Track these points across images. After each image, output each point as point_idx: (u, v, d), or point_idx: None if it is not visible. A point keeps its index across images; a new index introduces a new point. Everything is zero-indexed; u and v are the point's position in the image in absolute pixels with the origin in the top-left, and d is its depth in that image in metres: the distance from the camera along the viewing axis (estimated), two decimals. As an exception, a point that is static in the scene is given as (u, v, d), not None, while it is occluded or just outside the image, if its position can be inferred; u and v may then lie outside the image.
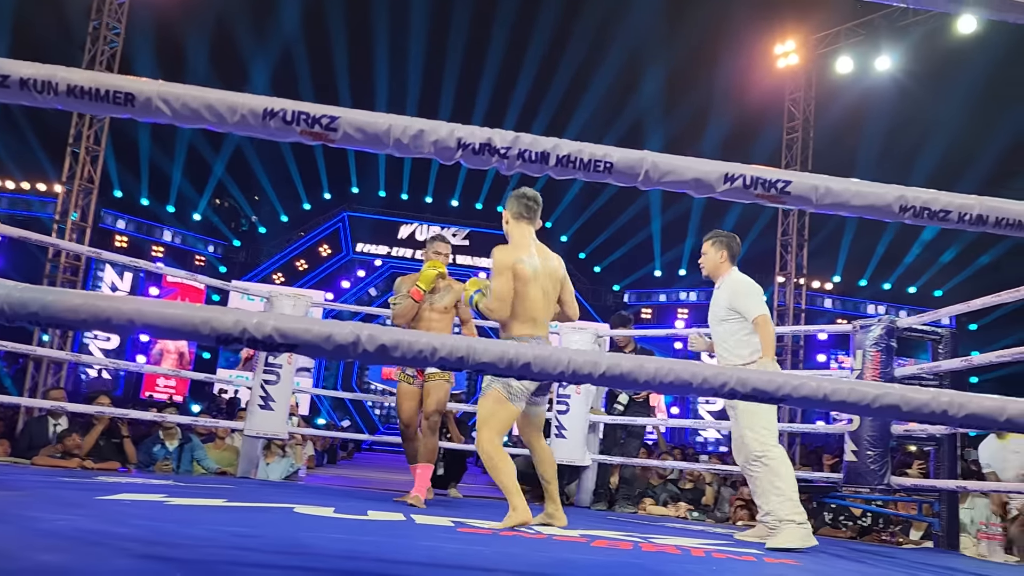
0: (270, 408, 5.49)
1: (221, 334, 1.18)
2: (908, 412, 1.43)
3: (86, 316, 1.20)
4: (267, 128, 1.30)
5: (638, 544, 3.17)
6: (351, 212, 25.27)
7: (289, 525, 2.79)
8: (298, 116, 1.27)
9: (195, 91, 1.26)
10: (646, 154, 1.38)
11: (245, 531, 2.52)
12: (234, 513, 3.06)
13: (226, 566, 1.82)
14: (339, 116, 1.28)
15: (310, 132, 1.29)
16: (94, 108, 1.27)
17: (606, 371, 1.24)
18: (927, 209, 1.50)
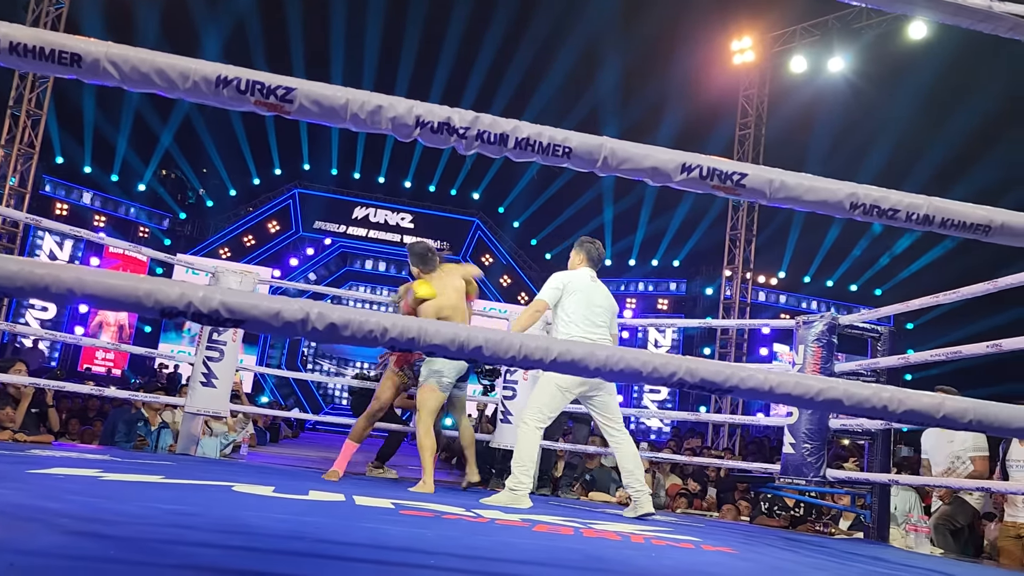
0: (212, 385, 5.39)
1: (165, 307, 1.14)
2: (850, 406, 1.45)
3: (22, 284, 1.15)
4: (220, 96, 1.26)
5: (579, 530, 3.19)
6: (302, 189, 24.88)
7: (228, 504, 2.74)
8: (253, 85, 1.24)
9: (146, 54, 1.21)
10: (605, 140, 1.37)
11: (182, 509, 2.47)
12: (172, 490, 3.00)
13: (162, 544, 1.79)
14: (295, 88, 1.25)
15: (265, 103, 1.25)
16: (39, 67, 1.21)
17: (557, 357, 1.24)
18: (877, 207, 1.53)
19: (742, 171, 1.46)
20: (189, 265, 13.56)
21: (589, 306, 4.56)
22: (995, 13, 1.56)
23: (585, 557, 2.46)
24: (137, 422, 6.12)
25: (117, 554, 1.62)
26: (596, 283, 4.71)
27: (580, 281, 4.63)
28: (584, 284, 4.63)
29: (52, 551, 1.55)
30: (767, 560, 3.05)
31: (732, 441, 13.83)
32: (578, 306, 4.53)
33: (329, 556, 1.95)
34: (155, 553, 1.67)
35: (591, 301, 4.59)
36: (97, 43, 1.19)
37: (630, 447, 4.47)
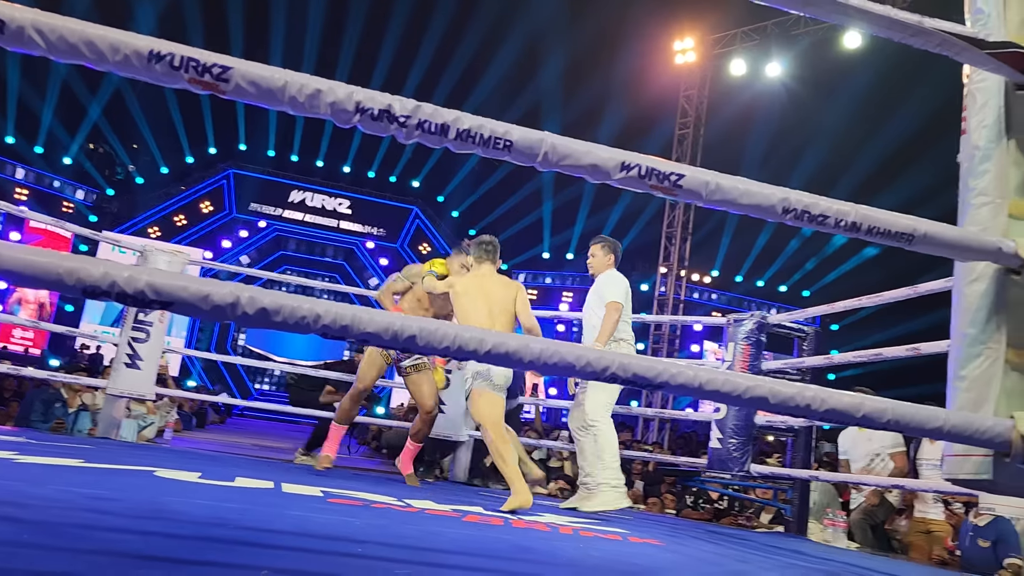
0: (137, 367, 5.24)
1: (88, 286, 1.10)
2: (775, 404, 1.49)
3: (-67, 257, 1.10)
4: (152, 72, 1.22)
5: (509, 520, 3.21)
6: (237, 170, 24.31)
7: (150, 489, 2.68)
8: (187, 62, 1.20)
9: (75, 24, 1.16)
10: (546, 135, 1.38)
11: (101, 493, 2.40)
12: (91, 474, 2.91)
13: (78, 529, 1.73)
14: (232, 67, 1.22)
15: (199, 81, 1.21)
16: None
17: (492, 348, 1.24)
18: (807, 213, 1.57)
19: (680, 172, 1.48)
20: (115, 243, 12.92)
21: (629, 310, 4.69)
22: (925, 28, 1.61)
23: (513, 547, 2.48)
24: (55, 403, 5.90)
25: (31, 539, 1.56)
26: None
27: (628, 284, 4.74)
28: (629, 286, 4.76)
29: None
30: (692, 552, 3.11)
31: (661, 435, 14.08)
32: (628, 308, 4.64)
33: (253, 543, 1.92)
34: (71, 538, 1.62)
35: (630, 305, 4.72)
36: (23, 9, 1.14)
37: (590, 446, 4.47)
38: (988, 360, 1.66)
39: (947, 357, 1.79)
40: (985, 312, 1.69)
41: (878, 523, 5.77)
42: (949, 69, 1.96)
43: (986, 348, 1.67)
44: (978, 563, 4.67)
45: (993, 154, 1.75)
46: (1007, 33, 1.73)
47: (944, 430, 1.52)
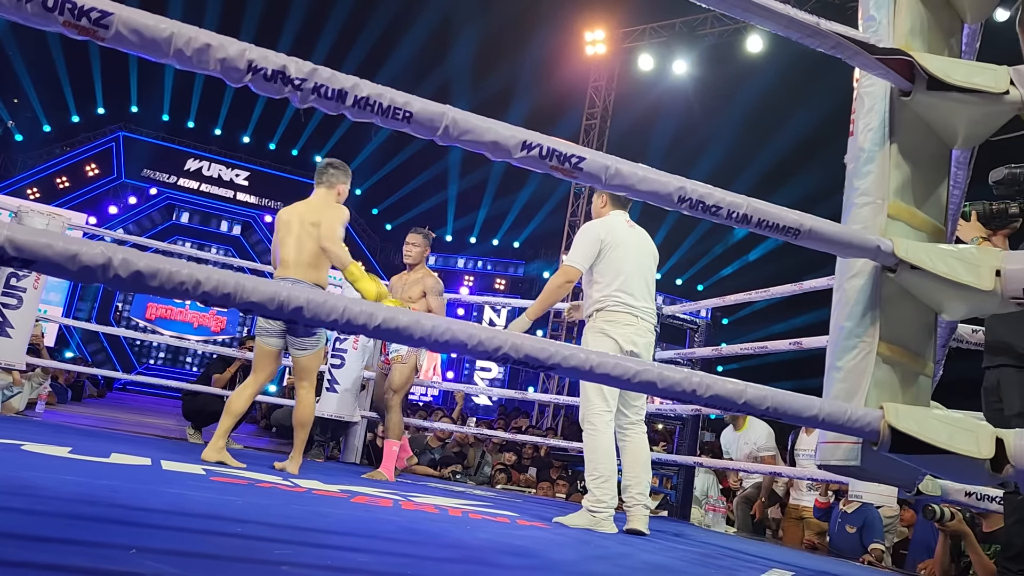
0: (7, 335, 4.92)
1: (-62, 239, 1.01)
2: (663, 389, 1.52)
3: None
4: (22, 11, 1.12)
5: (398, 502, 3.18)
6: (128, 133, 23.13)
7: (15, 463, 2.52)
8: (62, 3, 1.11)
9: (-69, -51, 1.06)
10: (447, 109, 1.35)
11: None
12: (-52, 448, 2.72)
13: (-73, 506, 1.61)
14: (113, 12, 1.13)
15: (75, 24, 1.12)
16: None
17: (381, 323, 1.21)
18: (702, 203, 1.60)
19: (580, 155, 1.48)
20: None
21: (635, 264, 3.70)
22: (821, 30, 1.67)
23: (401, 529, 2.46)
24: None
25: None
26: (635, 229, 3.83)
27: (618, 231, 3.72)
28: (624, 234, 3.73)
29: None
30: (576, 535, 3.16)
31: (556, 421, 14.29)
32: (621, 264, 3.66)
33: (124, 522, 1.82)
34: (-84, 515, 1.50)
35: (636, 256, 3.72)
36: None
37: (643, 445, 3.74)
38: (862, 352, 1.74)
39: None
40: (862, 307, 1.77)
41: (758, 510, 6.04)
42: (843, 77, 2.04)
43: (861, 341, 1.75)
44: (845, 548, 4.95)
45: (877, 156, 1.83)
46: (895, 40, 1.81)
47: (819, 418, 1.58)
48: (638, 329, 3.62)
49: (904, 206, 1.83)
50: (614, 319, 3.60)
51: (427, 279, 5.02)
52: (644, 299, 3.70)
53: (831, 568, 3.76)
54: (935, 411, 1.67)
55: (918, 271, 1.69)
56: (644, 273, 3.73)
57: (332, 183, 4.23)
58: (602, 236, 3.67)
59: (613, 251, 3.66)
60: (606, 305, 3.62)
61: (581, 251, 3.64)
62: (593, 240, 3.66)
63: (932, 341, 1.89)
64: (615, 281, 3.63)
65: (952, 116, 1.83)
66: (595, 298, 3.66)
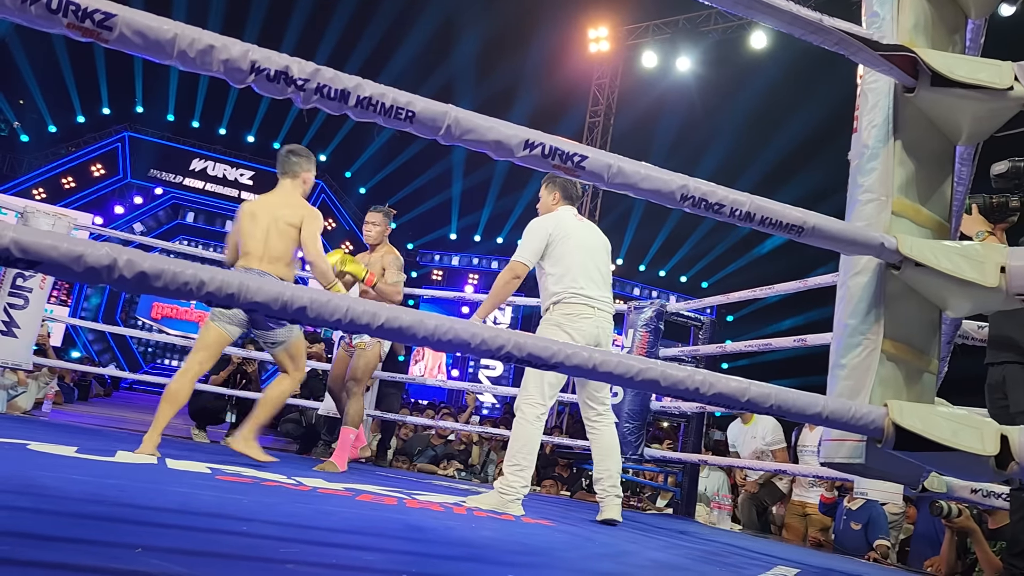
0: (13, 335, 4.94)
1: (-56, 241, 1.02)
2: (666, 387, 1.52)
3: None
4: (27, 14, 1.13)
5: (403, 500, 3.19)
6: (133, 133, 23.18)
7: (21, 463, 2.53)
8: (66, 5, 1.11)
9: (-65, -48, 1.06)
10: (450, 108, 1.35)
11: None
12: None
13: (-65, 505, 1.61)
14: (116, 14, 1.14)
15: (79, 26, 1.13)
16: None
17: (384, 323, 1.21)
18: (704, 200, 1.60)
19: (583, 153, 1.49)
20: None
21: (587, 254, 3.73)
22: (824, 26, 1.66)
23: (406, 527, 2.46)
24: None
25: None
26: (584, 222, 3.90)
27: (567, 224, 3.76)
28: (572, 227, 3.77)
29: None
30: (582, 532, 3.17)
31: (560, 419, 14.29)
32: (571, 256, 3.69)
33: (130, 521, 1.83)
34: (-76, 515, 1.51)
35: (586, 247, 3.76)
36: None
37: (611, 437, 3.80)
38: (866, 350, 1.74)
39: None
40: (866, 304, 1.77)
41: (764, 506, 6.04)
42: (846, 74, 2.04)
43: (865, 338, 1.75)
44: (850, 545, 4.94)
45: (880, 153, 1.82)
46: (899, 37, 1.80)
47: (823, 416, 1.58)
48: (596, 321, 3.67)
49: (908, 203, 1.82)
50: (571, 311, 3.64)
51: (387, 256, 4.88)
52: (600, 289, 3.74)
53: (836, 565, 3.76)
54: (939, 408, 1.67)
55: (922, 268, 1.68)
56: (597, 263, 3.77)
57: (296, 172, 4.13)
58: (550, 230, 3.72)
59: (563, 244, 3.70)
60: (563, 298, 3.65)
61: (528, 247, 3.70)
62: (541, 235, 3.71)
63: (936, 338, 1.89)
64: (568, 273, 3.67)
65: (956, 112, 1.83)
66: (551, 291, 3.69)
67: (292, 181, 4.13)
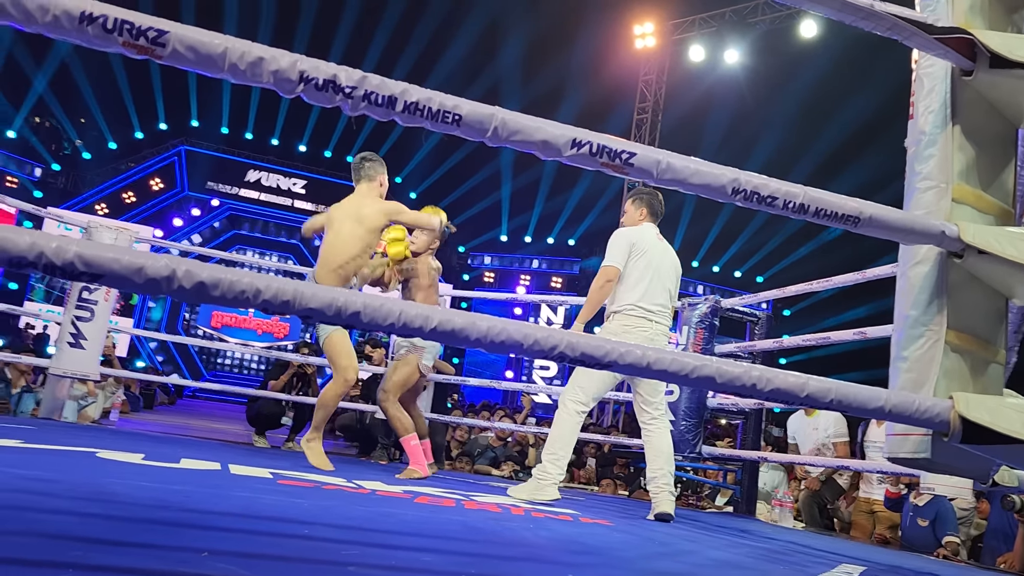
0: (81, 347, 5.11)
1: (13, 256, 1.05)
2: (722, 384, 1.50)
3: None
4: (84, 34, 1.17)
5: (461, 502, 3.20)
6: (189, 147, 23.78)
7: (91, 470, 2.61)
8: (120, 24, 1.15)
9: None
10: (496, 110, 1.36)
11: (40, 475, 2.34)
12: (30, 455, 2.83)
13: (16, 511, 1.68)
14: (169, 31, 1.17)
15: (134, 44, 1.17)
16: None
17: (437, 326, 1.22)
18: (756, 193, 1.57)
19: (631, 150, 1.48)
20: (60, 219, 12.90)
21: (656, 272, 3.93)
22: (876, 12, 1.62)
23: (464, 528, 2.47)
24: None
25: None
26: (662, 242, 4.08)
27: (648, 240, 3.98)
28: (652, 244, 3.98)
29: None
30: (641, 532, 3.14)
31: (617, 418, 14.21)
32: (644, 271, 3.90)
33: (195, 526, 1.88)
34: (6, 520, 1.56)
35: (658, 266, 3.95)
36: (-58, -37, 1.08)
37: (665, 440, 3.89)
38: (929, 341, 1.69)
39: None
40: (927, 294, 1.72)
41: (825, 504, 5.91)
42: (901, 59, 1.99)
43: (928, 330, 1.70)
44: (917, 542, 4.81)
45: (939, 139, 1.77)
46: (954, 19, 1.75)
47: (885, 410, 1.54)
48: (650, 333, 3.85)
49: (969, 189, 1.77)
50: (629, 323, 3.85)
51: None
52: (663, 309, 3.95)
53: (904, 563, 3.66)
54: (1008, 400, 1.62)
55: (986, 256, 1.63)
56: (666, 284, 3.97)
57: (372, 176, 4.31)
58: (633, 241, 3.94)
59: (641, 258, 3.92)
60: (624, 309, 3.87)
61: (617, 253, 3.91)
62: (626, 244, 3.93)
63: (1003, 327, 1.83)
64: (637, 287, 3.88)
65: (1017, 94, 1.77)
66: (618, 299, 3.90)
67: (368, 185, 4.31)
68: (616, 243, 3.94)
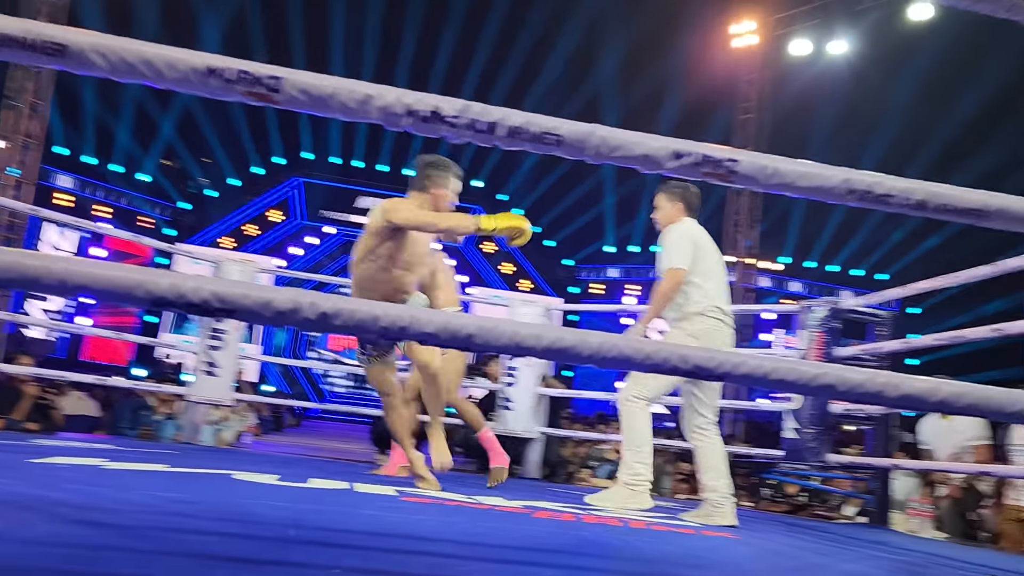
0: (214, 374, 5.41)
1: (156, 297, 1.14)
2: (844, 391, 1.45)
3: (14, 275, 1.16)
4: (208, 86, 1.26)
5: (580, 516, 3.20)
6: (304, 178, 24.87)
7: (229, 492, 2.76)
8: (241, 75, 1.23)
9: (132, 44, 1.21)
10: (595, 128, 1.37)
11: (183, 497, 2.49)
12: (173, 479, 3.02)
13: (159, 532, 1.80)
14: (283, 77, 1.25)
15: (252, 92, 1.25)
16: (25, 57, 1.21)
17: (549, 345, 1.24)
18: (870, 192, 1.52)
19: (735, 157, 1.46)
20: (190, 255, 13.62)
21: (719, 271, 3.74)
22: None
23: (584, 543, 2.47)
24: (141, 410, 6.19)
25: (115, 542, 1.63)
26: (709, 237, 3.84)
27: (704, 237, 3.74)
28: (708, 241, 3.75)
29: (47, 540, 1.56)
30: (768, 544, 3.06)
31: (735, 427, 13.85)
32: (711, 270, 3.68)
33: (327, 543, 1.96)
34: (151, 541, 1.68)
35: (717, 263, 3.75)
36: (83, 32, 1.19)
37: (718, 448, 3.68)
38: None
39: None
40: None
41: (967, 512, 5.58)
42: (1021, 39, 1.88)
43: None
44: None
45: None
46: (1080, -6, 1.64)
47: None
48: (725, 336, 3.67)
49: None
50: (708, 326, 3.63)
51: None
52: (727, 303, 3.75)
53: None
54: None
55: None
56: (723, 278, 3.78)
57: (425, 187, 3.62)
58: (695, 238, 3.70)
59: (706, 256, 3.69)
60: (703, 310, 3.63)
61: (681, 252, 3.64)
62: (689, 241, 3.67)
63: None
64: (707, 285, 3.64)
65: None
66: (693, 300, 3.63)
67: (419, 195, 3.61)
68: (679, 243, 3.66)
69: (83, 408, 6.67)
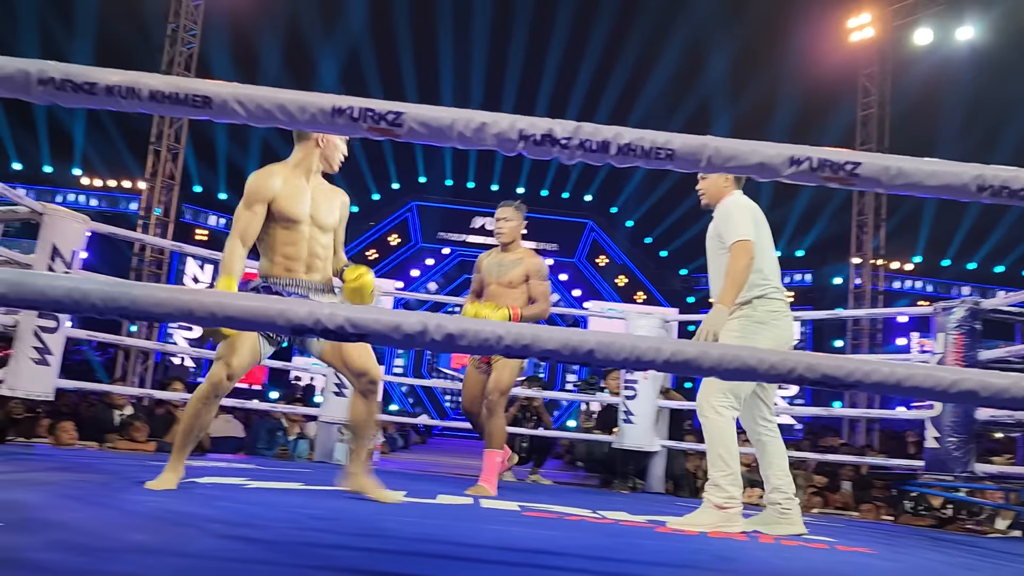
0: (344, 395, 5.63)
1: (296, 324, 1.23)
2: (987, 398, 1.39)
3: (171, 309, 1.27)
4: (335, 125, 1.34)
5: (705, 531, 3.15)
6: (419, 202, 25.61)
7: (364, 508, 2.87)
8: (364, 113, 1.31)
9: (268, 92, 1.31)
10: (708, 139, 1.37)
11: (322, 513, 2.61)
12: (311, 496, 3.17)
13: (308, 547, 1.90)
14: (404, 112, 1.32)
15: (376, 128, 1.32)
16: (174, 111, 1.33)
17: (669, 357, 1.25)
18: (1007, 188, 1.45)
19: (855, 160, 1.42)
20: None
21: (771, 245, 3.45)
22: None
23: (713, 557, 2.44)
24: (277, 431, 6.49)
25: (264, 556, 1.74)
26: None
27: (758, 210, 3.40)
28: (761, 215, 3.42)
29: (206, 553, 1.68)
30: (910, 560, 2.91)
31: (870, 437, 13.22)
32: (768, 246, 3.40)
33: (458, 557, 2.02)
34: (299, 555, 1.78)
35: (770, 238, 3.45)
36: (224, 85, 1.29)
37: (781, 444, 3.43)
38: None
39: None
40: None
41: None
42: None
43: None
44: None
45: None
46: None
47: None
48: (790, 320, 3.37)
49: None
50: (775, 308, 3.31)
51: (529, 260, 4.62)
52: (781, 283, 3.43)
53: None
54: None
55: None
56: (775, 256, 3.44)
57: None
58: (753, 211, 3.35)
59: (761, 230, 3.35)
60: (766, 292, 3.29)
61: (745, 224, 3.27)
62: (750, 213, 3.32)
63: None
64: (768, 264, 3.33)
65: None
66: (753, 282, 3.26)
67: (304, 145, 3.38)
68: (740, 214, 3.29)
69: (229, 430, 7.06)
